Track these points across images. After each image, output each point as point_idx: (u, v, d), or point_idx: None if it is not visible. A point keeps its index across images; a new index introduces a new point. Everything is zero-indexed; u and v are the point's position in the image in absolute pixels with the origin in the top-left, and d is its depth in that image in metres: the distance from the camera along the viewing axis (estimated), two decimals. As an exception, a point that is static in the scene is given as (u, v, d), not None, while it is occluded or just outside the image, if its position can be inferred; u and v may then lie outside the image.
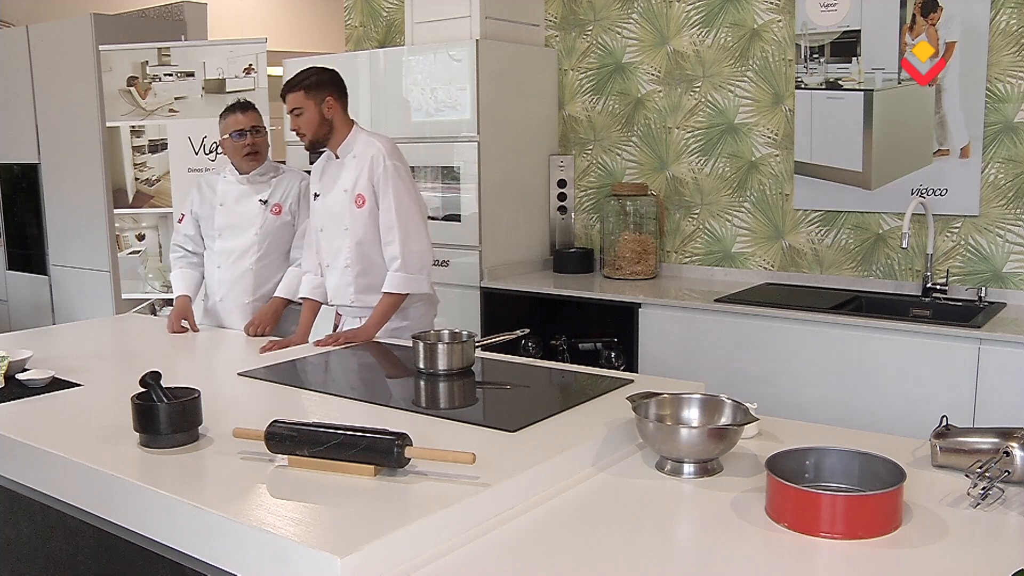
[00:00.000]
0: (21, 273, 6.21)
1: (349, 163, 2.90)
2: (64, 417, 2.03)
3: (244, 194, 3.18)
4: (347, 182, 2.89)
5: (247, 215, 3.16)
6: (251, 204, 3.17)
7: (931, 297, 3.39)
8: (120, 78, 4.75)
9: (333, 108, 2.86)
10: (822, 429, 1.99)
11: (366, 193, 2.85)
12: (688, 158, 4.04)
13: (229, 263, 3.17)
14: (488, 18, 4.06)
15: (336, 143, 2.91)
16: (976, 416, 2.82)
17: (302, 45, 7.08)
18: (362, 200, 2.86)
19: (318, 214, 2.99)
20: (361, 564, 1.31)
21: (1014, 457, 1.57)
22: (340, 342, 2.77)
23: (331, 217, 2.93)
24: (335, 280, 2.96)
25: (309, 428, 1.67)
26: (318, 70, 2.90)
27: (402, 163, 2.89)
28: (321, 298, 3.03)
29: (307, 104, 2.83)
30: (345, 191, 2.89)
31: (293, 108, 2.85)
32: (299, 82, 2.84)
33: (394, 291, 2.82)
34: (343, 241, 2.91)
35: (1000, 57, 3.27)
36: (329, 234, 2.95)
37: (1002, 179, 3.32)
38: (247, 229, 3.16)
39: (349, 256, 2.90)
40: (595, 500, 1.60)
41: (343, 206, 2.89)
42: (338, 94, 2.89)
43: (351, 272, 2.92)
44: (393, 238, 2.83)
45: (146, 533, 1.60)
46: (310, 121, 2.85)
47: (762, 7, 3.76)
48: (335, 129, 2.89)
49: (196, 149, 4.68)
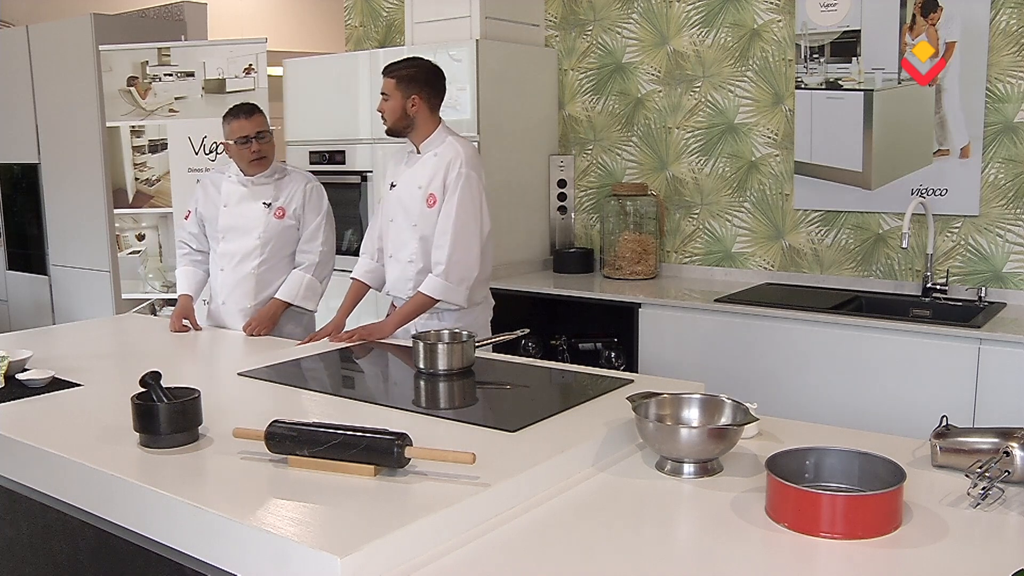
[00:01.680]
0: (21, 273, 6.21)
1: (428, 160, 2.89)
2: (64, 417, 2.03)
3: (248, 196, 3.15)
4: (422, 179, 2.88)
5: (250, 218, 3.14)
6: (255, 207, 3.14)
7: (931, 297, 3.39)
8: (120, 78, 4.75)
9: (417, 106, 2.85)
10: (822, 429, 1.99)
11: (438, 194, 2.84)
12: (688, 158, 4.04)
13: (232, 266, 3.15)
14: (488, 18, 4.06)
15: (419, 138, 2.90)
16: (976, 416, 2.82)
17: (302, 45, 7.08)
18: (433, 200, 2.85)
19: (391, 204, 2.97)
20: (361, 564, 1.31)
21: (1014, 457, 1.57)
22: (355, 339, 2.77)
23: (403, 209, 2.92)
24: (397, 272, 2.96)
25: (309, 428, 1.66)
26: (417, 64, 2.88)
27: (477, 174, 2.87)
28: (372, 283, 3.04)
29: (395, 94, 2.83)
30: (419, 187, 2.88)
31: (383, 91, 2.86)
32: (395, 70, 2.85)
33: (428, 294, 2.81)
34: (410, 235, 2.90)
35: (1000, 57, 3.27)
36: (398, 226, 2.94)
37: (1002, 179, 3.32)
38: (250, 232, 3.13)
39: (415, 251, 2.90)
40: (595, 500, 1.60)
41: (415, 201, 2.88)
42: (428, 93, 2.86)
43: (413, 267, 2.91)
44: (443, 243, 2.81)
45: (146, 533, 1.60)
46: (392, 110, 2.85)
47: (762, 7, 3.76)
48: (417, 125, 2.87)
49: (196, 149, 4.68)
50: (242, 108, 3.11)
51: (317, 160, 4.51)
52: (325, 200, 3.22)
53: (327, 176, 4.47)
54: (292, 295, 3.10)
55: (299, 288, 3.11)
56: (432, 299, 2.82)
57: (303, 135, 4.57)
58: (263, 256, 3.13)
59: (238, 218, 3.15)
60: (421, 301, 2.82)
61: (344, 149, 4.41)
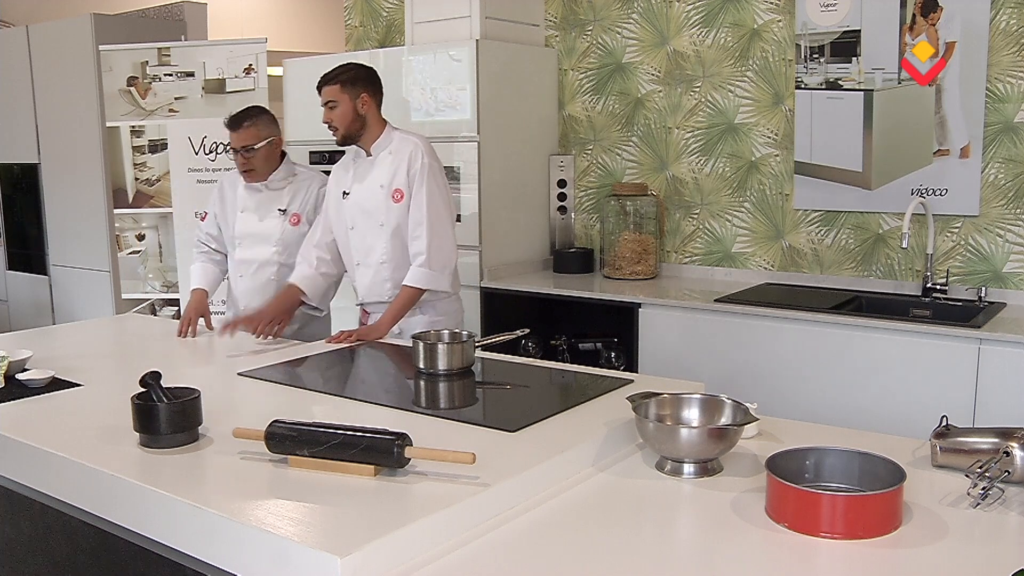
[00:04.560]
0: (21, 273, 6.21)
1: (384, 159, 2.91)
2: (64, 417, 2.03)
3: (263, 202, 3.13)
4: (383, 177, 2.89)
5: (266, 225, 3.12)
6: (270, 214, 3.12)
7: (931, 297, 3.39)
8: (120, 78, 4.75)
9: (367, 104, 2.87)
10: (822, 429, 1.99)
11: (404, 188, 2.87)
12: (688, 158, 4.04)
13: (251, 273, 3.14)
14: (488, 18, 4.06)
15: (369, 140, 2.92)
16: (976, 416, 2.82)
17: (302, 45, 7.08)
18: (400, 195, 2.87)
19: (347, 212, 2.96)
20: (361, 564, 1.31)
21: (1014, 457, 1.57)
22: (352, 339, 2.77)
23: (364, 214, 2.92)
24: (369, 278, 2.96)
25: (309, 428, 1.67)
26: (355, 66, 2.90)
27: (437, 162, 2.92)
28: (308, 290, 2.98)
29: (342, 98, 2.85)
30: (381, 186, 2.89)
31: (328, 101, 2.86)
32: (335, 76, 2.86)
33: (415, 285, 2.84)
34: (378, 237, 2.91)
35: (1000, 57, 3.27)
36: (361, 231, 2.94)
37: (1002, 179, 3.32)
38: (266, 240, 3.12)
39: (385, 252, 2.91)
40: (595, 500, 1.60)
41: (378, 201, 2.89)
42: (373, 91, 2.89)
43: (387, 268, 2.92)
44: (420, 234, 2.85)
45: (146, 533, 1.60)
46: (343, 115, 2.86)
47: (762, 7, 3.76)
48: (368, 126, 2.90)
49: (196, 149, 4.68)
50: (234, 118, 3.05)
51: (317, 160, 4.51)
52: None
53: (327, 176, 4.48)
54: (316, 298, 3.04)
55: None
56: (419, 290, 2.85)
57: (303, 135, 4.57)
58: (281, 263, 3.12)
59: (254, 225, 3.13)
60: (409, 294, 2.85)
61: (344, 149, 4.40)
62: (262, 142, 3.04)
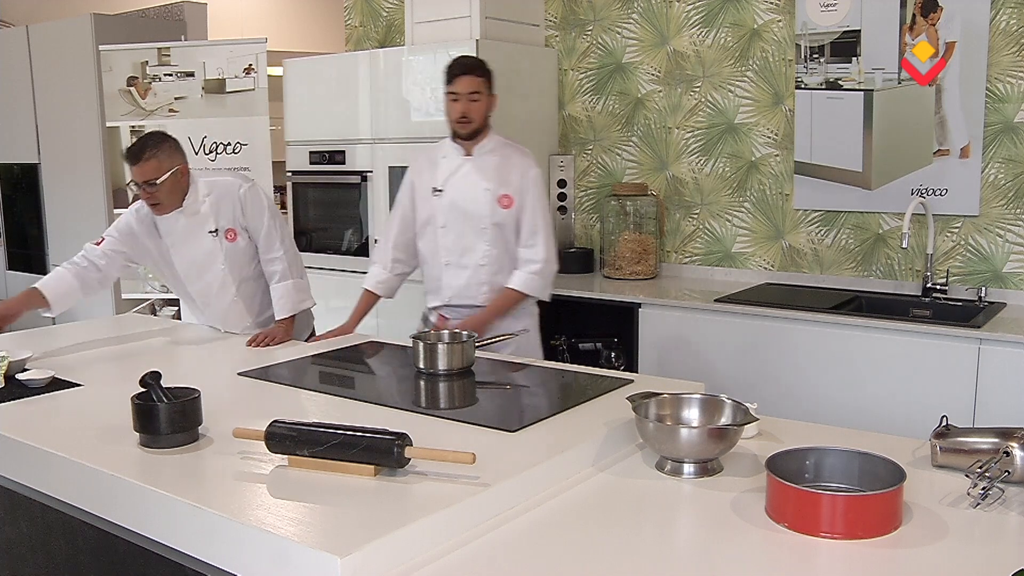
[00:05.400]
0: (21, 273, 6.21)
1: (488, 162, 2.86)
2: (64, 417, 2.03)
3: (190, 229, 2.86)
4: (488, 181, 2.84)
5: (204, 251, 2.88)
6: (202, 239, 2.87)
7: (931, 297, 3.39)
8: (120, 78, 4.76)
9: (495, 106, 2.86)
10: (822, 429, 1.99)
11: (514, 195, 2.84)
12: (688, 158, 4.04)
13: (213, 298, 2.97)
14: (488, 18, 4.06)
15: (478, 140, 2.87)
16: (976, 416, 2.82)
17: (302, 45, 7.08)
18: (508, 200, 2.83)
19: (440, 210, 2.88)
20: (361, 564, 1.31)
21: (1014, 457, 1.57)
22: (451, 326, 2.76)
23: (463, 214, 2.86)
24: (464, 279, 2.90)
25: (309, 428, 1.66)
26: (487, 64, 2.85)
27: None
28: (383, 293, 2.99)
29: (484, 93, 2.80)
30: (486, 189, 2.83)
31: (472, 92, 2.77)
32: (481, 68, 2.80)
33: (525, 291, 2.85)
34: (478, 239, 2.86)
35: (1000, 57, 3.27)
36: (457, 231, 2.88)
37: (1002, 179, 3.32)
38: (211, 266, 2.90)
39: (486, 254, 2.87)
40: (595, 500, 1.60)
41: (482, 204, 2.84)
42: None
43: (486, 271, 2.88)
44: (537, 242, 2.85)
45: (146, 533, 1.60)
46: (482, 110, 2.80)
47: (762, 7, 3.76)
48: (486, 126, 2.87)
49: (196, 149, 4.68)
50: (132, 151, 2.72)
51: (317, 160, 4.51)
52: (262, 197, 2.93)
53: (327, 176, 4.49)
54: (291, 308, 2.92)
55: (290, 298, 2.92)
56: (523, 295, 2.86)
57: (303, 135, 4.57)
58: (237, 282, 2.95)
59: (191, 254, 2.90)
60: (514, 298, 2.86)
61: (344, 149, 4.41)
62: (165, 174, 2.72)
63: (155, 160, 2.70)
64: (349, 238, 4.47)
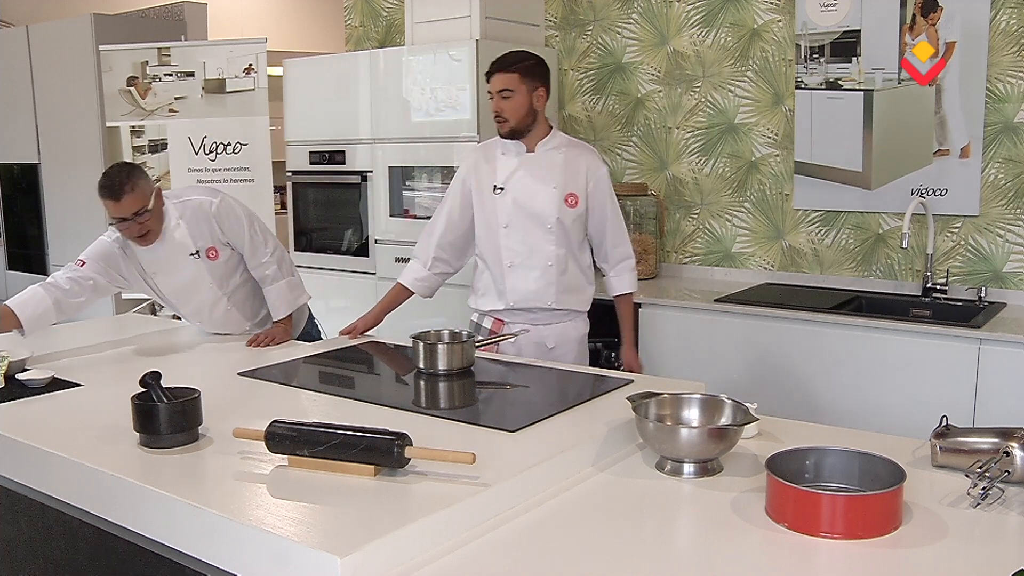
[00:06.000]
0: (21, 273, 6.21)
1: (553, 160, 2.75)
2: (64, 417, 2.03)
3: (170, 256, 2.80)
4: (555, 179, 2.73)
5: (189, 274, 2.84)
6: (184, 263, 2.82)
7: (931, 297, 3.39)
8: (120, 78, 4.76)
9: (542, 100, 2.71)
10: (822, 429, 1.99)
11: (580, 194, 2.74)
12: (688, 158, 4.04)
13: (206, 315, 2.95)
14: (488, 18, 4.06)
15: (536, 137, 2.74)
16: (976, 416, 2.82)
17: (302, 45, 7.08)
18: (575, 200, 2.73)
19: (502, 209, 2.76)
20: (361, 564, 1.31)
21: (1014, 457, 1.57)
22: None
23: (527, 214, 2.74)
24: (533, 281, 2.76)
25: (309, 428, 1.66)
26: (535, 56, 2.72)
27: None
28: (420, 291, 2.89)
29: (520, 88, 2.66)
30: (554, 188, 2.72)
31: (502, 89, 2.66)
32: (515, 63, 2.67)
33: (633, 290, 2.90)
34: (545, 239, 2.74)
35: (1000, 57, 3.27)
36: (522, 231, 2.75)
37: (1002, 179, 3.32)
38: (199, 287, 2.87)
39: (554, 255, 2.75)
40: (595, 500, 1.60)
41: (550, 203, 2.72)
42: (548, 87, 2.74)
43: (554, 271, 2.75)
44: (622, 240, 2.85)
45: (146, 533, 1.60)
46: (517, 107, 2.67)
47: (762, 7, 3.76)
48: (538, 122, 2.73)
49: (196, 149, 4.68)
50: (111, 188, 2.60)
51: (317, 160, 4.51)
52: (235, 208, 2.86)
53: (327, 176, 4.49)
54: (288, 308, 2.91)
55: (285, 298, 2.91)
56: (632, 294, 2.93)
57: (303, 135, 4.57)
58: (228, 295, 2.92)
59: (178, 280, 2.85)
60: (631, 300, 2.94)
61: (344, 149, 4.41)
62: (151, 199, 2.67)
63: (137, 189, 2.63)
64: (349, 238, 4.47)
